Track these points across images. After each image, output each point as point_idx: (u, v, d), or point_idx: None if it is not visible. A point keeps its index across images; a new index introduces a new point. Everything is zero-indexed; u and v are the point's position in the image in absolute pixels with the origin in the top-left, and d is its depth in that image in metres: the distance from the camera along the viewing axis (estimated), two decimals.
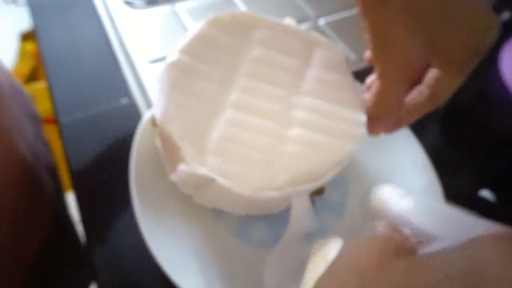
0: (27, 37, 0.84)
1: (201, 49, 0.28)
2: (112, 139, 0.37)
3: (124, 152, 0.31)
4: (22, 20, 0.80)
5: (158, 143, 0.29)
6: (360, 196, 0.33)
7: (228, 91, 0.28)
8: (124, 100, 0.40)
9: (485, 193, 0.36)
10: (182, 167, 0.25)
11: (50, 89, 0.40)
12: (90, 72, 0.43)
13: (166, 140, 0.26)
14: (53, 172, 0.48)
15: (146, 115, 0.32)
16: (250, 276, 0.29)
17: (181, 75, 0.27)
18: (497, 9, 0.51)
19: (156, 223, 0.29)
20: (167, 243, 0.28)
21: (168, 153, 0.28)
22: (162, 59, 0.42)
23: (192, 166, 0.25)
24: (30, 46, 0.82)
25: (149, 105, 0.39)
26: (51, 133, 0.53)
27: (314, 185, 0.28)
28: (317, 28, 0.49)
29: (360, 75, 0.37)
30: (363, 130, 0.28)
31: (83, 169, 0.35)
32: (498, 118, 0.39)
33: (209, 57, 0.28)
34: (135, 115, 0.39)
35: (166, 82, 0.27)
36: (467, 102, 0.44)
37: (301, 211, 0.27)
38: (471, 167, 0.38)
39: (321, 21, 0.50)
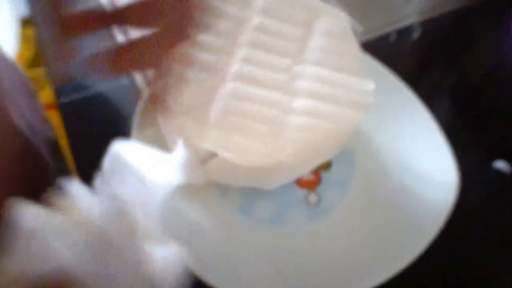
0: (28, 22, 0.83)
1: (200, 19, 0.27)
2: (114, 118, 0.36)
3: (126, 130, 0.30)
4: (23, 5, 0.79)
5: (159, 120, 0.28)
6: (367, 172, 0.32)
7: (229, 61, 0.27)
8: (125, 80, 0.39)
9: (500, 164, 0.34)
10: (182, 142, 0.24)
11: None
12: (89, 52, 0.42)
13: (167, 115, 0.26)
14: (54, 147, 0.47)
15: (146, 93, 0.31)
16: (255, 252, 0.28)
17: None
18: None
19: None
20: (169, 222, 0.27)
21: (169, 128, 0.27)
22: None
23: (193, 140, 0.24)
24: (31, 32, 0.81)
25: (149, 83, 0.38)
26: (54, 119, 0.52)
27: (322, 158, 0.27)
28: None
29: (366, 47, 0.36)
30: (371, 98, 0.27)
31: (84, 150, 0.34)
32: (510, 90, 0.37)
33: (207, 28, 0.27)
34: (136, 94, 0.38)
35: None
36: (477, 73, 0.43)
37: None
38: (484, 140, 0.37)
39: None
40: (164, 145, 0.29)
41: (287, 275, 0.27)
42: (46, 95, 0.55)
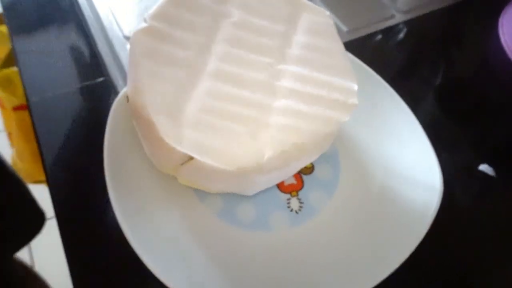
0: (1, 19, 0.80)
1: (174, 14, 0.25)
2: (86, 117, 0.35)
3: (98, 131, 0.28)
4: None
5: (133, 121, 0.26)
6: (352, 172, 0.31)
7: (207, 58, 0.25)
8: (100, 78, 0.38)
9: (485, 168, 0.34)
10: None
11: (19, 69, 0.37)
12: (62, 49, 0.40)
13: (140, 115, 0.24)
14: None
15: (122, 91, 0.30)
16: (237, 258, 0.27)
17: (153, 42, 0.24)
18: None
19: (133, 207, 0.26)
20: (145, 229, 0.26)
21: (142, 131, 0.25)
22: None
23: (168, 142, 0.23)
24: (4, 29, 0.78)
25: (126, 82, 0.36)
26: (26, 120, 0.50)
27: (305, 162, 0.26)
28: None
29: (351, 46, 0.35)
30: (354, 99, 0.26)
31: (55, 149, 0.32)
32: (498, 86, 0.37)
33: (184, 22, 0.26)
34: (111, 94, 0.36)
35: (136, 51, 0.24)
36: (464, 70, 0.42)
37: None
38: (469, 140, 0.37)
39: None
40: (138, 145, 0.28)
41: (272, 282, 0.26)
42: (22, 94, 0.53)
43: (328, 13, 0.29)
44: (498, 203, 0.33)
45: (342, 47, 0.28)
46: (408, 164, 0.30)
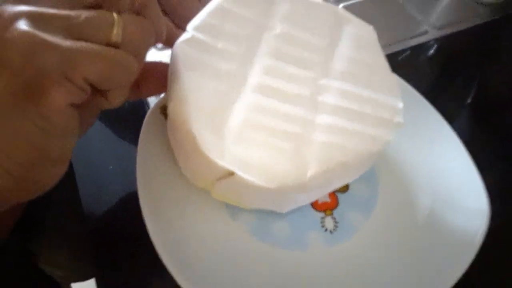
0: None
1: (217, 25, 0.25)
2: (118, 131, 0.34)
3: (127, 145, 0.28)
4: None
5: (169, 133, 0.26)
6: (391, 193, 0.30)
7: (249, 71, 0.25)
8: None
9: None
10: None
11: None
12: None
13: (179, 128, 0.23)
14: None
15: (155, 104, 0.29)
16: (270, 278, 0.26)
17: (195, 53, 0.24)
18: None
19: (165, 223, 0.25)
20: (177, 247, 0.25)
21: (180, 144, 0.24)
22: None
23: (210, 156, 0.22)
24: None
25: (157, 96, 0.36)
26: None
27: (347, 180, 0.25)
28: None
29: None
30: (400, 117, 0.25)
31: (86, 165, 0.32)
32: None
33: (226, 34, 0.25)
34: (142, 107, 0.35)
35: (178, 62, 0.23)
36: (499, 89, 0.41)
37: None
38: (506, 160, 0.35)
39: (340, 6, 0.47)
40: (170, 159, 0.27)
41: None
42: None
43: (371, 27, 0.28)
44: None
45: (386, 63, 0.27)
46: (453, 186, 0.28)
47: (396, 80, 0.26)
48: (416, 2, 0.47)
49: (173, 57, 0.24)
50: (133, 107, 0.35)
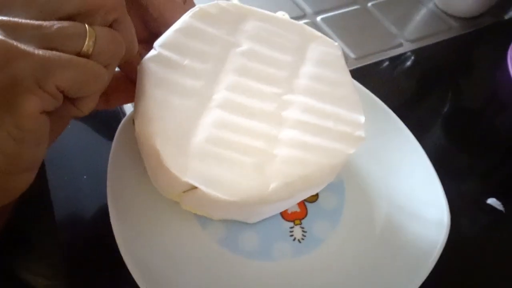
0: None
1: (184, 43, 0.26)
2: (91, 141, 0.35)
3: (103, 154, 0.28)
4: None
5: (139, 145, 0.26)
6: (357, 203, 0.31)
7: (215, 88, 0.25)
8: None
9: (493, 201, 0.33)
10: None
11: None
12: None
13: (144, 143, 0.24)
14: None
15: (127, 115, 0.30)
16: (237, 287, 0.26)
17: (161, 70, 0.24)
18: (503, 7, 0.49)
19: (134, 232, 0.26)
20: (144, 256, 0.25)
21: (146, 158, 0.25)
22: None
23: (173, 172, 0.23)
24: None
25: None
26: None
27: (309, 193, 0.26)
28: (314, 25, 0.47)
29: (358, 74, 0.35)
30: (361, 132, 0.26)
31: (58, 173, 0.32)
32: (507, 118, 0.36)
33: (193, 51, 0.26)
34: (117, 117, 0.36)
35: (144, 79, 0.24)
36: (472, 101, 0.42)
37: None
38: (477, 173, 0.36)
39: (319, 18, 0.48)
40: (142, 168, 0.28)
41: None
42: None
43: (336, 43, 0.29)
44: (506, 238, 0.32)
45: (350, 79, 0.28)
46: (413, 197, 0.29)
47: (358, 96, 0.27)
48: (391, 16, 0.48)
49: (139, 74, 0.24)
50: (108, 117, 0.36)
